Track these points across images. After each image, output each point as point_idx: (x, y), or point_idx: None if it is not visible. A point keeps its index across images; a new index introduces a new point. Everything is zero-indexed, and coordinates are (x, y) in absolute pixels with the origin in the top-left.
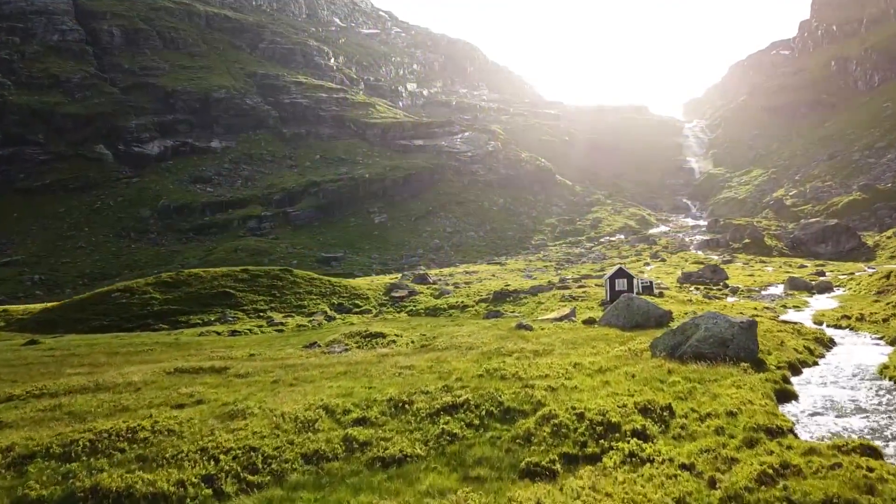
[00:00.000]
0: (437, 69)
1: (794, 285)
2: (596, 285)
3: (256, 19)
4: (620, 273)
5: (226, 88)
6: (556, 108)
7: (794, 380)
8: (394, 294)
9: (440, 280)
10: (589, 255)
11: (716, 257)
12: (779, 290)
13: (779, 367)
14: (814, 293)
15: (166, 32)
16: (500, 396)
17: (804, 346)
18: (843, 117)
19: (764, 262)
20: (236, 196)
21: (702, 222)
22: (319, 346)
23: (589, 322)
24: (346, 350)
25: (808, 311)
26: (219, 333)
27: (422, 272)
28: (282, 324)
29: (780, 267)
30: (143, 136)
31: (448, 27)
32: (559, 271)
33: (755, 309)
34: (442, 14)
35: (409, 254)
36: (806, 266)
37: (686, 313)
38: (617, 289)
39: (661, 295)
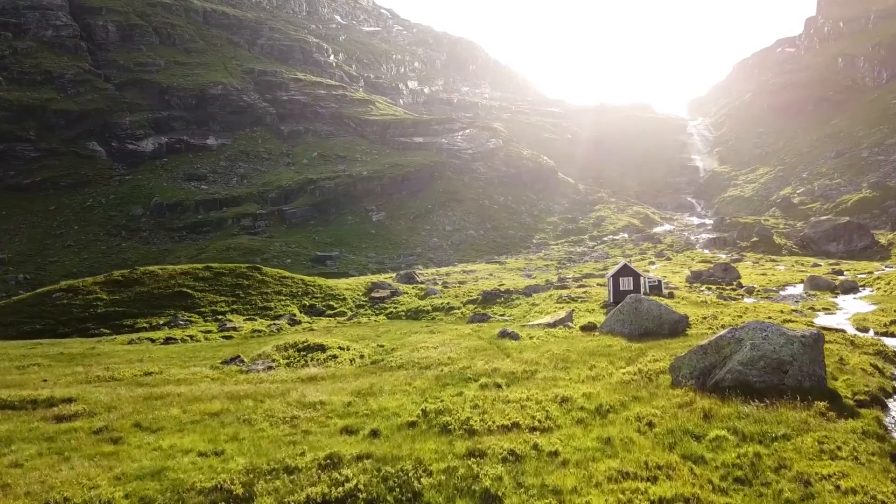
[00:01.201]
0: (438, 67)
1: (816, 285)
2: (598, 285)
3: (255, 16)
4: (625, 271)
5: (222, 85)
6: (559, 106)
7: (887, 422)
8: (374, 294)
9: (430, 279)
10: (591, 255)
11: (724, 256)
12: (798, 289)
13: (859, 402)
14: (838, 293)
15: (163, 28)
16: (419, 483)
17: (870, 364)
18: (851, 114)
19: (774, 260)
20: (231, 194)
21: (707, 221)
22: (243, 361)
23: (588, 328)
24: (270, 368)
25: (843, 315)
26: (153, 341)
27: (408, 271)
28: (235, 329)
29: (793, 266)
30: (137, 133)
31: (450, 25)
32: (560, 270)
33: (782, 312)
34: (444, 12)
35: (407, 253)
36: (819, 265)
37: (704, 318)
38: (622, 288)
39: (670, 296)
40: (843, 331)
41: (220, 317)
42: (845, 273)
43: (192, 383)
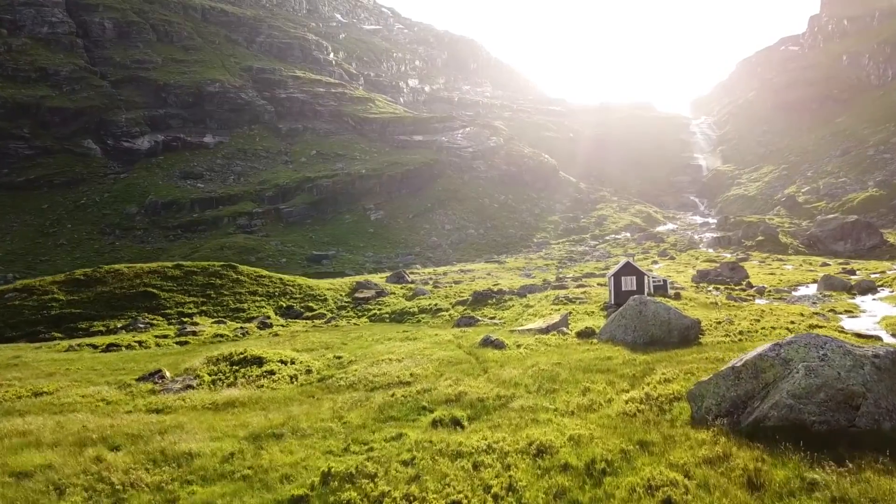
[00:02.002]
0: (439, 66)
1: (831, 285)
2: (599, 285)
3: (254, 13)
4: (628, 269)
5: (220, 82)
6: (561, 104)
7: None
8: (357, 295)
9: (423, 279)
10: (593, 254)
11: (729, 255)
12: (811, 290)
13: None
14: (855, 294)
15: (160, 25)
16: None
17: None
18: (856, 112)
19: (781, 260)
20: (227, 192)
21: (711, 220)
22: (164, 377)
23: (585, 335)
24: (189, 387)
25: (869, 318)
26: (95, 347)
27: (399, 271)
28: (194, 333)
29: (801, 265)
30: (133, 130)
31: (451, 24)
32: (560, 270)
33: (802, 315)
34: (445, 11)
35: (405, 252)
36: (829, 264)
37: (718, 322)
38: (624, 289)
39: (677, 296)
40: (878, 338)
41: (185, 319)
42: (857, 273)
43: (67, 411)
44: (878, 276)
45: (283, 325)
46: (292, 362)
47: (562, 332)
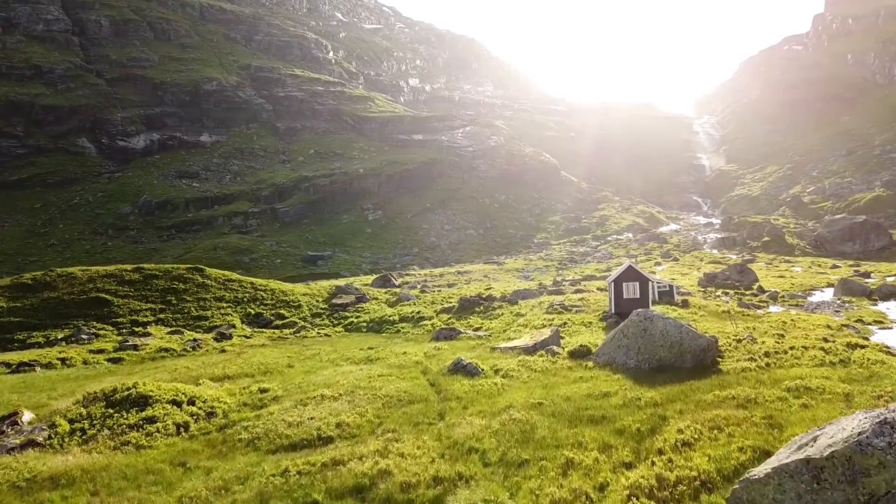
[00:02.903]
0: (440, 65)
1: (849, 290)
2: (598, 289)
3: (253, 11)
4: (630, 274)
5: (217, 81)
6: (563, 104)
7: None
8: (335, 301)
9: (411, 283)
10: (594, 255)
11: (734, 256)
12: (827, 295)
13: None
14: (877, 300)
15: (157, 23)
16: None
17: None
18: (861, 112)
19: (789, 261)
20: (223, 192)
21: (714, 220)
22: (16, 425)
23: (579, 355)
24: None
25: None
26: (8, 366)
27: (386, 274)
28: (136, 348)
29: (810, 267)
30: (128, 129)
31: (453, 24)
32: (560, 272)
33: (829, 327)
34: (447, 11)
35: (403, 253)
36: (839, 266)
37: (738, 340)
38: (625, 296)
39: (685, 304)
40: None
41: (137, 329)
42: (872, 276)
43: None
44: (893, 279)
45: (245, 336)
46: (192, 402)
47: (551, 352)
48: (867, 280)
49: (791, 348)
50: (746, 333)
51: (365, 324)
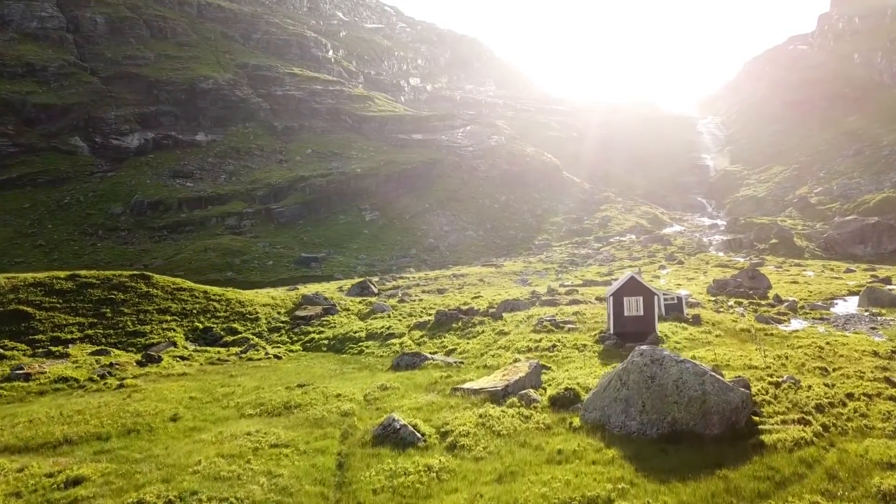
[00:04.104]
0: (442, 65)
1: (876, 300)
2: (597, 299)
3: (252, 10)
4: (631, 287)
5: (213, 79)
6: (565, 104)
7: None
8: (299, 313)
9: (391, 291)
10: (596, 257)
11: (741, 259)
12: (850, 305)
13: None
14: None
15: (154, 21)
16: None
17: None
18: (869, 111)
19: (799, 265)
20: (217, 192)
21: (719, 221)
22: None
23: (563, 403)
24: None
25: None
26: None
27: (365, 280)
28: (26, 377)
29: (822, 271)
30: (122, 128)
31: (455, 23)
32: (560, 275)
33: (876, 354)
34: (449, 10)
35: (400, 254)
36: (853, 270)
37: (776, 383)
38: (627, 313)
39: (696, 320)
40: None
41: (57, 348)
42: (893, 281)
43: None
44: None
45: (180, 358)
46: None
47: (527, 400)
48: (890, 287)
49: (849, 396)
50: (786, 376)
51: (326, 341)
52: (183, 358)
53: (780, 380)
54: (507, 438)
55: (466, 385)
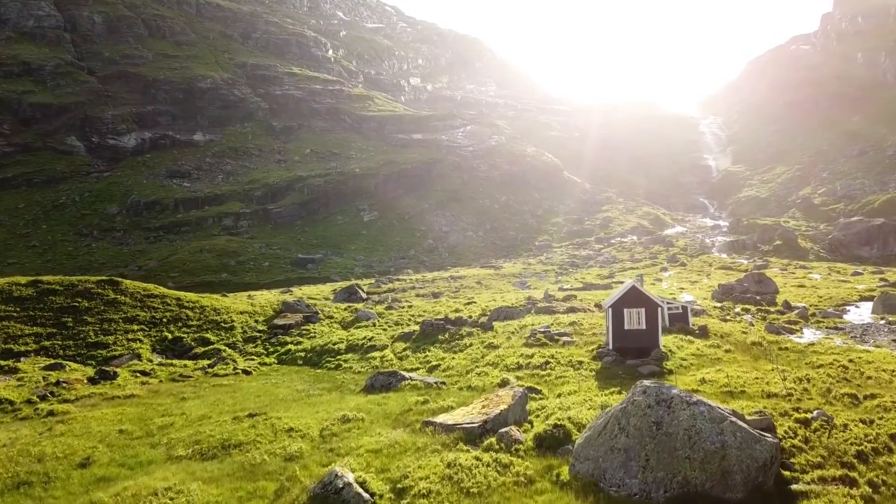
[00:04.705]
0: (443, 65)
1: (891, 307)
2: (596, 305)
3: (251, 9)
4: (632, 297)
5: (212, 78)
6: (567, 104)
7: None
8: (277, 322)
9: (380, 297)
10: (597, 258)
11: (745, 261)
12: (865, 312)
13: None
14: None
15: (152, 20)
16: None
17: None
18: (872, 112)
19: (805, 267)
20: (214, 192)
21: (721, 222)
22: None
23: (550, 444)
24: None
25: None
26: None
27: (352, 285)
28: None
29: (829, 274)
30: (119, 127)
31: (456, 23)
32: (560, 277)
33: None
34: (450, 10)
35: (398, 255)
36: (860, 273)
37: (804, 422)
38: (628, 326)
39: (703, 332)
40: None
41: (7, 362)
42: None
43: None
44: None
45: (140, 373)
46: None
47: (508, 440)
48: None
49: (885, 429)
50: (815, 411)
51: (303, 353)
52: (144, 373)
53: (808, 416)
54: (478, 499)
55: (440, 419)
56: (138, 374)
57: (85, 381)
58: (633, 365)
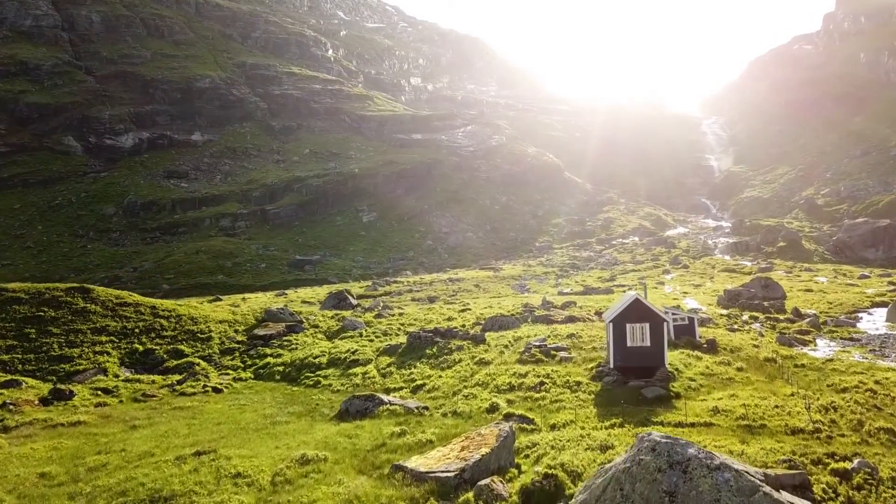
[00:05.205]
0: (444, 64)
1: None
2: (596, 314)
3: (251, 8)
4: (635, 310)
5: (210, 78)
6: (568, 104)
7: None
8: (258, 332)
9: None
10: (598, 260)
11: (748, 263)
12: (878, 320)
13: None
14: None
15: (151, 20)
16: None
17: None
18: (875, 112)
19: (810, 270)
20: (212, 192)
21: (724, 223)
22: None
23: (539, 502)
24: None
25: None
26: None
27: (341, 291)
28: None
29: (835, 277)
30: (116, 127)
31: (457, 23)
32: (560, 279)
33: None
34: (451, 10)
35: (397, 257)
36: (867, 276)
37: (844, 471)
38: (630, 342)
39: (711, 346)
40: None
41: None
42: None
43: None
44: None
45: (101, 391)
46: None
47: (487, 497)
48: None
49: None
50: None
51: (282, 367)
52: (106, 391)
53: (847, 466)
54: None
55: (413, 463)
56: (99, 393)
57: (36, 403)
58: (636, 387)
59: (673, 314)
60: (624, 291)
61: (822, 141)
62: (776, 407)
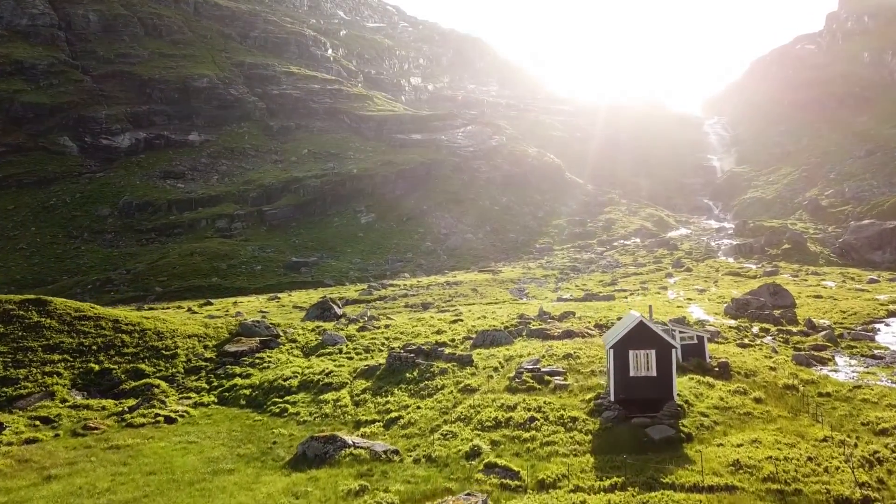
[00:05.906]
0: (444, 64)
1: None
2: (596, 326)
3: (250, 8)
4: (640, 335)
5: (208, 78)
6: (570, 104)
7: None
8: (230, 348)
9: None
10: (599, 262)
11: (753, 266)
12: (895, 330)
13: None
14: None
15: (149, 19)
16: None
17: None
18: (880, 112)
19: (817, 273)
20: (208, 193)
21: (727, 224)
22: None
23: None
24: None
25: None
26: None
27: (325, 300)
28: None
29: (844, 282)
30: (113, 127)
31: (458, 23)
32: (560, 283)
33: None
34: (452, 9)
35: (396, 258)
36: (877, 280)
37: None
38: (634, 371)
39: (723, 371)
40: None
41: None
42: None
43: None
44: None
45: (41, 421)
46: None
47: None
48: None
49: None
50: None
51: (249, 391)
52: (46, 420)
53: None
54: None
55: None
56: (37, 423)
57: None
58: (640, 424)
59: (681, 332)
60: (626, 297)
61: (825, 141)
62: (809, 460)
